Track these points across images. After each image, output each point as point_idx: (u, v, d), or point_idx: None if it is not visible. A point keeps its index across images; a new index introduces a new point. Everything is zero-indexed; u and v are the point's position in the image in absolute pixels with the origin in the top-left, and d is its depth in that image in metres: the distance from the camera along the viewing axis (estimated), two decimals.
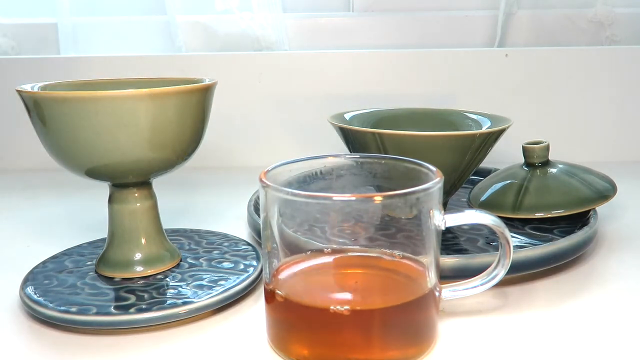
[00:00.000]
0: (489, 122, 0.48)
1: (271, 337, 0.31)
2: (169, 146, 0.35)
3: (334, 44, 0.78)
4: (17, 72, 0.75)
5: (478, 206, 0.48)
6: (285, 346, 0.30)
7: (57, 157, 0.35)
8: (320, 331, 0.29)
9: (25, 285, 0.37)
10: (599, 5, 0.76)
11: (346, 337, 0.28)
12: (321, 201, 0.28)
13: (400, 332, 0.29)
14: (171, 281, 0.37)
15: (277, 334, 0.31)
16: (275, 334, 0.31)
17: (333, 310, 0.27)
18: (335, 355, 0.28)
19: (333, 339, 0.28)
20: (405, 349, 0.29)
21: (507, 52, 0.73)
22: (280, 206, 0.30)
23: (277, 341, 0.31)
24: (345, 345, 0.28)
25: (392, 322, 0.28)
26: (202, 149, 0.39)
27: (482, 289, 0.32)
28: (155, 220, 0.39)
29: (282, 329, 0.30)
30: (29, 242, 0.49)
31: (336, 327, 0.28)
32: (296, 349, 0.29)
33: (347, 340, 0.28)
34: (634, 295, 0.37)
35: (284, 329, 0.30)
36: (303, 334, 0.29)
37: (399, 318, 0.29)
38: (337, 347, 0.28)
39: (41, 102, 0.33)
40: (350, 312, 0.27)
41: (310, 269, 0.33)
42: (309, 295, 0.30)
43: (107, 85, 0.41)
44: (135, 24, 0.79)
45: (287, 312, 0.29)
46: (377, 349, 0.28)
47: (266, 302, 0.31)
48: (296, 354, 0.29)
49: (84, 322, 0.33)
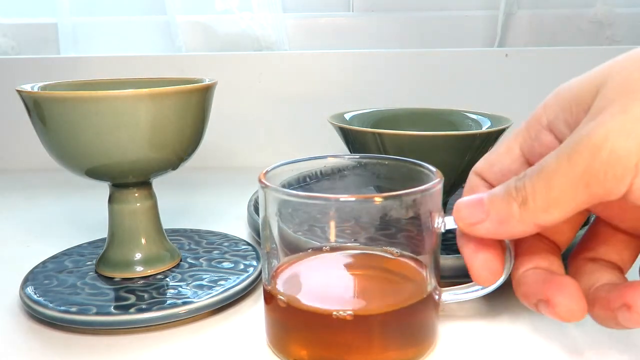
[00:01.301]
0: (489, 122, 0.48)
1: (270, 338, 0.31)
2: (169, 146, 0.35)
3: (334, 44, 0.78)
4: (17, 72, 0.75)
5: None
6: (284, 347, 0.30)
7: (57, 157, 0.35)
8: (321, 334, 0.29)
9: (25, 285, 0.37)
10: (599, 5, 0.76)
11: (346, 339, 0.28)
12: (320, 202, 0.28)
13: (400, 335, 0.29)
14: (171, 281, 0.37)
15: (276, 335, 0.31)
16: (275, 334, 0.31)
17: (335, 315, 0.27)
18: (334, 357, 0.28)
19: (333, 341, 0.28)
20: (404, 350, 0.29)
21: (507, 52, 0.73)
22: (280, 207, 0.29)
23: (276, 342, 0.31)
24: (345, 346, 0.28)
25: (392, 325, 0.28)
26: (202, 149, 0.39)
27: (483, 292, 0.31)
28: (155, 220, 0.39)
29: (282, 330, 0.30)
30: (29, 242, 0.49)
31: (337, 331, 0.28)
32: (295, 350, 0.29)
33: (347, 342, 0.28)
34: None
35: (283, 330, 0.30)
36: (302, 336, 0.29)
37: (399, 321, 0.29)
38: (337, 349, 0.28)
39: (41, 102, 0.33)
40: (352, 317, 0.27)
41: (310, 270, 0.33)
42: (310, 299, 0.30)
43: (107, 85, 0.41)
44: (135, 24, 0.79)
45: (286, 314, 0.29)
46: (377, 350, 0.28)
47: (265, 303, 0.31)
48: (295, 355, 0.29)
49: (84, 322, 0.33)
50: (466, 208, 0.26)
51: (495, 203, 0.25)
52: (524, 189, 0.24)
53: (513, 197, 0.25)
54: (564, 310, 0.25)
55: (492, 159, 0.29)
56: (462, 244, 0.28)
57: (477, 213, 0.26)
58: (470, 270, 0.28)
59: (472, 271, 0.28)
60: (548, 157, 0.24)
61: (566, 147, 0.23)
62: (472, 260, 0.28)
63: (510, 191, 0.25)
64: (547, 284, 0.26)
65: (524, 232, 0.25)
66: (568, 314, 0.25)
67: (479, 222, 0.26)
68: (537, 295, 0.26)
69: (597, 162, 0.22)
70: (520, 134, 0.29)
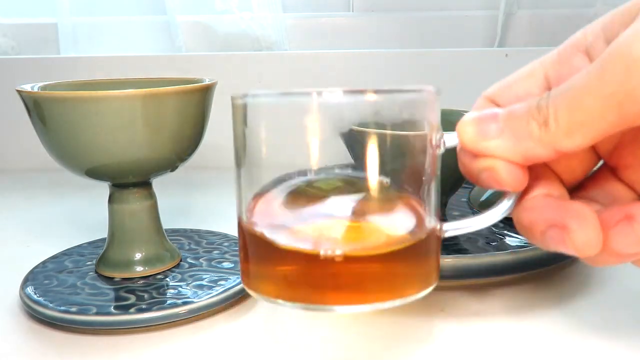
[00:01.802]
0: None
1: (245, 277, 0.26)
2: (169, 146, 0.35)
3: (334, 44, 0.78)
4: (17, 72, 0.75)
5: (478, 206, 0.48)
6: (262, 286, 0.26)
7: (57, 157, 0.35)
8: (306, 274, 0.25)
9: (25, 285, 0.37)
10: (599, 5, 0.76)
11: (336, 281, 0.24)
12: (301, 99, 0.23)
13: (397, 274, 0.25)
14: (171, 281, 0.37)
15: (253, 273, 0.26)
16: (250, 272, 0.26)
17: (323, 255, 0.23)
18: (320, 298, 0.25)
19: (319, 282, 0.25)
20: (401, 290, 0.25)
21: (507, 52, 0.73)
22: (253, 118, 0.25)
23: (252, 281, 0.26)
24: (333, 288, 0.25)
25: (389, 264, 0.25)
26: (202, 149, 0.39)
27: (488, 221, 0.26)
28: (155, 220, 0.39)
29: (259, 267, 0.26)
30: (29, 242, 0.49)
31: (325, 270, 0.24)
32: (275, 290, 0.25)
33: (337, 284, 0.24)
34: (633, 295, 0.37)
35: (261, 268, 0.26)
36: (283, 275, 0.25)
37: (395, 260, 0.25)
38: (323, 290, 0.25)
39: (41, 102, 0.33)
40: (342, 257, 0.23)
41: (293, 200, 0.27)
42: (294, 237, 0.25)
43: (107, 85, 0.41)
44: (135, 24, 0.79)
45: (266, 252, 0.25)
46: (373, 290, 0.24)
47: (240, 238, 0.26)
48: (277, 294, 0.25)
49: (84, 322, 0.33)
50: (476, 122, 0.23)
51: (513, 120, 0.22)
52: (546, 108, 0.21)
53: (534, 117, 0.22)
54: (580, 237, 0.21)
55: (509, 81, 0.26)
56: (468, 159, 0.24)
57: (488, 128, 0.23)
58: (494, 172, 0.23)
59: (496, 174, 0.23)
60: (577, 75, 0.21)
61: (598, 61, 0.20)
62: (494, 162, 0.23)
63: (532, 110, 0.22)
64: (562, 210, 0.22)
65: (540, 157, 0.22)
66: (584, 244, 0.21)
67: (490, 139, 0.23)
68: (548, 222, 0.22)
69: (634, 76, 0.19)
70: (548, 59, 0.25)
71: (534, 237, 0.23)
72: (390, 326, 0.34)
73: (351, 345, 0.32)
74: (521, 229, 0.24)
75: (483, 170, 0.23)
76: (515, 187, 0.23)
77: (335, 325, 0.34)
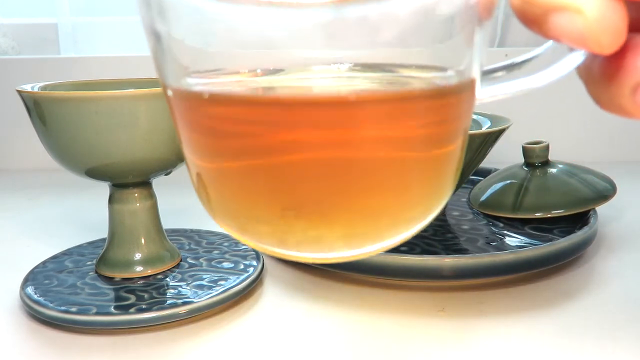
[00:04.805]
0: (489, 122, 0.48)
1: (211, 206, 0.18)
2: (168, 146, 0.35)
3: None
4: (17, 72, 0.75)
5: (478, 206, 0.48)
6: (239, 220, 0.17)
7: (57, 157, 0.35)
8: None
9: (26, 285, 0.37)
10: None
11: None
12: None
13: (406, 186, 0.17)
14: (171, 281, 0.37)
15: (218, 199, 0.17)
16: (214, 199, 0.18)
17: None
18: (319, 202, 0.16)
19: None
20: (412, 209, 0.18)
21: (507, 52, 0.73)
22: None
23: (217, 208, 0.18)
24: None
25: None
26: None
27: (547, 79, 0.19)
28: (155, 220, 0.39)
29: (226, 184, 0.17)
30: (29, 242, 0.49)
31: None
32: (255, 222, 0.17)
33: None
34: (634, 295, 0.37)
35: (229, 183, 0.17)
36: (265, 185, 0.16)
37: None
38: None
39: (41, 102, 0.33)
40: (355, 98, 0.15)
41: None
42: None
43: (107, 85, 0.41)
44: (135, 24, 0.79)
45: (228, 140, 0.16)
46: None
47: (175, 123, 0.18)
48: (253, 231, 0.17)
49: (84, 322, 0.33)
50: None
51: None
52: None
53: None
54: (594, 11, 0.15)
55: None
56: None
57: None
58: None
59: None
60: None
61: None
62: None
63: None
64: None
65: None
66: (597, 21, 0.16)
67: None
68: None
69: None
70: None
71: (535, 24, 0.18)
72: (391, 326, 0.34)
73: (351, 345, 0.32)
74: (519, 14, 0.18)
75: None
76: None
77: (335, 325, 0.34)
